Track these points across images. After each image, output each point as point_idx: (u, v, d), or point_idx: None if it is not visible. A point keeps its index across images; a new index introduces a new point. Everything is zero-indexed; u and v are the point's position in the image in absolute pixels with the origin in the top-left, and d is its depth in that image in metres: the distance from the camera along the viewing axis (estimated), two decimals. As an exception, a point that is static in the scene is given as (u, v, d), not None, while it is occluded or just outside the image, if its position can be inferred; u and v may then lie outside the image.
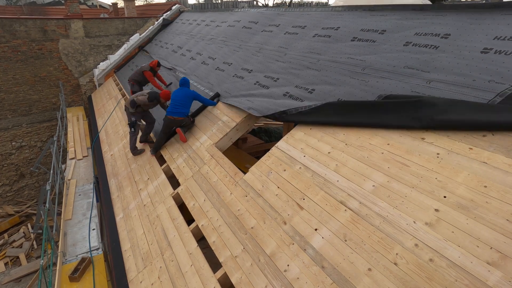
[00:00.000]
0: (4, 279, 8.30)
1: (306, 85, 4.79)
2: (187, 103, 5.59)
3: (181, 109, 5.52)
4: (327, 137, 3.83)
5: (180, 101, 5.55)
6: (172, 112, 5.53)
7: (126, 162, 6.42)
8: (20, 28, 11.20)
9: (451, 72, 3.49)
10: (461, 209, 2.51)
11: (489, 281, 2.10)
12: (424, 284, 2.30)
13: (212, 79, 6.88)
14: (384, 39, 4.58)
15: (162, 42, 11.67)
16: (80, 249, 5.08)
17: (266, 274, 3.04)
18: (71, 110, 12.21)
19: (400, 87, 3.75)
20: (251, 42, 7.16)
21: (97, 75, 12.33)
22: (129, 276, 4.08)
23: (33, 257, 9.21)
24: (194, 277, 3.49)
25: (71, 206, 6.24)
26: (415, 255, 2.47)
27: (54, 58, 12.12)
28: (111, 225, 5.07)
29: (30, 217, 11.11)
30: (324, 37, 5.53)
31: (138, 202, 5.17)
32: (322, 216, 3.13)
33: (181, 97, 5.58)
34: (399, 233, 2.64)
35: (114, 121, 8.52)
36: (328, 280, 2.68)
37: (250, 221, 3.59)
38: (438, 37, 4.02)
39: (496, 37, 3.51)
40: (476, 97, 3.11)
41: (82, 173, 7.59)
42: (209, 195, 4.32)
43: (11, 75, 11.46)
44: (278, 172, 3.88)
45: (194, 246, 3.81)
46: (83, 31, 12.38)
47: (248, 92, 5.57)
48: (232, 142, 5.19)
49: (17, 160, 12.25)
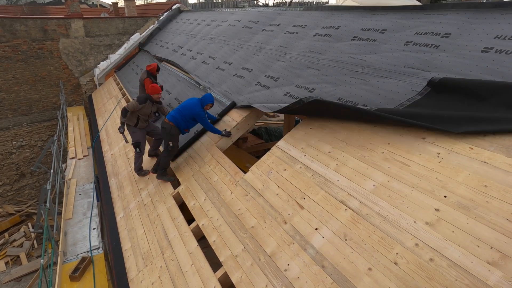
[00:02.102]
0: (4, 278, 8.32)
1: (306, 85, 4.79)
2: (187, 118, 4.85)
3: (176, 115, 4.83)
4: (327, 137, 3.83)
5: (182, 109, 4.86)
6: (170, 115, 4.88)
7: (126, 162, 6.42)
8: (21, 27, 11.20)
9: (451, 71, 3.49)
10: (461, 208, 2.50)
11: (490, 281, 2.10)
12: (425, 284, 2.30)
13: (212, 79, 6.87)
14: (384, 39, 4.58)
15: (162, 42, 11.66)
16: (81, 248, 5.09)
17: (266, 273, 3.04)
18: (72, 110, 12.22)
19: (401, 86, 3.75)
20: (251, 42, 7.16)
21: (97, 74, 12.33)
22: (130, 276, 4.08)
23: (33, 257, 9.22)
24: (194, 276, 3.49)
25: (71, 206, 6.25)
26: (415, 254, 2.46)
27: (55, 57, 12.12)
28: (111, 225, 5.07)
29: (30, 216, 11.13)
30: (325, 37, 5.53)
31: (138, 201, 5.17)
32: (322, 215, 3.13)
33: (185, 108, 4.86)
34: (399, 232, 2.64)
35: (114, 120, 8.52)
36: (329, 280, 2.68)
37: (251, 220, 3.59)
38: (439, 36, 4.01)
39: (496, 36, 3.51)
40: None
41: (82, 173, 7.60)
42: (210, 195, 4.32)
43: (12, 74, 11.47)
44: (279, 172, 3.87)
45: (195, 246, 3.82)
46: (83, 31, 12.38)
47: (250, 94, 5.57)
48: (232, 141, 5.19)
49: (18, 160, 12.26)
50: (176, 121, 4.81)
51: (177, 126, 4.84)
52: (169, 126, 4.80)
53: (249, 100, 5.37)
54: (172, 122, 4.80)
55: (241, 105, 5.29)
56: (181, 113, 4.83)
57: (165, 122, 4.85)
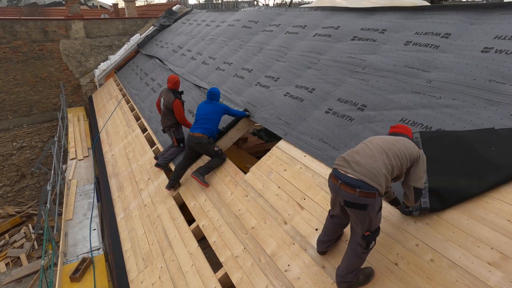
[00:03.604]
0: (5, 280, 8.31)
1: (306, 85, 4.79)
2: (213, 119, 4.53)
3: (204, 124, 4.48)
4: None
5: (205, 115, 4.53)
6: (193, 128, 4.53)
7: (126, 162, 6.42)
8: (21, 29, 11.21)
9: (451, 71, 3.49)
10: (461, 209, 2.50)
11: (490, 282, 2.10)
12: (425, 284, 2.29)
13: (212, 79, 6.88)
14: (384, 39, 4.58)
15: (162, 42, 11.67)
16: (81, 249, 5.08)
17: (266, 274, 3.04)
18: (72, 111, 12.21)
19: (401, 87, 3.75)
20: (251, 42, 7.16)
21: (97, 75, 12.34)
22: (130, 276, 4.08)
23: (34, 258, 9.22)
24: (194, 277, 3.49)
25: (72, 206, 6.25)
26: (415, 255, 2.46)
27: (55, 58, 12.13)
28: (111, 225, 5.07)
29: (31, 217, 11.12)
30: (325, 37, 5.53)
31: (138, 202, 5.17)
32: (323, 216, 3.12)
33: (206, 112, 4.56)
34: (399, 233, 2.64)
35: (114, 121, 8.53)
36: (329, 280, 2.68)
37: (251, 221, 3.59)
38: (439, 36, 4.01)
39: (496, 37, 3.51)
40: (477, 96, 3.11)
41: (83, 173, 7.60)
42: (210, 195, 4.32)
43: (12, 76, 11.48)
44: (279, 172, 3.87)
45: (195, 246, 3.81)
46: (83, 32, 12.39)
47: (250, 94, 5.56)
48: (232, 142, 5.19)
49: (18, 161, 12.26)
50: (210, 132, 4.48)
51: (211, 136, 4.51)
52: (206, 139, 4.42)
53: (249, 100, 5.37)
54: (206, 134, 4.43)
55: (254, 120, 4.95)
56: (211, 121, 4.50)
57: (199, 137, 4.41)
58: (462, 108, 3.10)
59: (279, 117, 4.59)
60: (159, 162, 5.39)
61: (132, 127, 7.47)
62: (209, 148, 4.49)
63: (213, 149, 4.49)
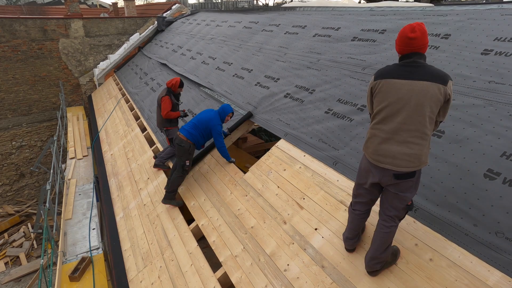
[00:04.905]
0: (4, 279, 8.30)
1: (306, 85, 4.80)
2: (201, 128, 4.36)
3: (191, 128, 4.35)
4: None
5: (197, 120, 4.39)
6: (182, 128, 4.39)
7: (126, 162, 6.42)
8: (20, 27, 11.19)
9: (451, 72, 3.49)
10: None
11: (489, 281, 2.11)
12: (424, 284, 2.30)
13: (212, 79, 6.88)
14: (384, 39, 4.59)
15: (162, 42, 11.67)
16: (80, 248, 5.08)
17: (266, 273, 3.04)
18: (71, 110, 12.21)
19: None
20: (251, 42, 7.16)
21: (97, 74, 12.33)
22: (129, 276, 4.08)
23: (33, 257, 9.21)
24: (194, 276, 3.49)
25: (71, 206, 6.24)
26: (415, 254, 2.47)
27: (54, 57, 12.12)
28: (111, 225, 5.07)
29: (30, 216, 11.11)
30: (325, 37, 5.54)
31: (138, 201, 5.17)
32: (322, 215, 3.13)
33: (199, 118, 4.41)
34: (399, 232, 2.64)
35: (114, 120, 8.52)
36: (328, 280, 2.68)
37: (250, 220, 3.59)
38: (439, 37, 4.02)
39: (496, 38, 3.51)
40: (477, 97, 3.11)
41: (82, 173, 7.59)
42: (209, 195, 4.32)
43: (11, 74, 11.46)
44: (278, 172, 3.88)
45: (194, 246, 3.82)
46: (83, 31, 12.38)
47: (250, 95, 5.56)
48: (232, 141, 5.19)
49: (17, 160, 12.25)
50: (194, 138, 4.33)
51: (194, 143, 4.36)
52: (187, 144, 4.29)
53: (249, 100, 5.37)
54: (189, 139, 4.30)
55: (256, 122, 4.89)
56: (198, 128, 4.34)
57: (182, 139, 4.30)
58: (462, 108, 3.11)
59: (279, 118, 4.60)
60: (156, 162, 5.47)
61: (132, 126, 7.47)
62: (184, 157, 4.34)
63: (185, 160, 4.36)
